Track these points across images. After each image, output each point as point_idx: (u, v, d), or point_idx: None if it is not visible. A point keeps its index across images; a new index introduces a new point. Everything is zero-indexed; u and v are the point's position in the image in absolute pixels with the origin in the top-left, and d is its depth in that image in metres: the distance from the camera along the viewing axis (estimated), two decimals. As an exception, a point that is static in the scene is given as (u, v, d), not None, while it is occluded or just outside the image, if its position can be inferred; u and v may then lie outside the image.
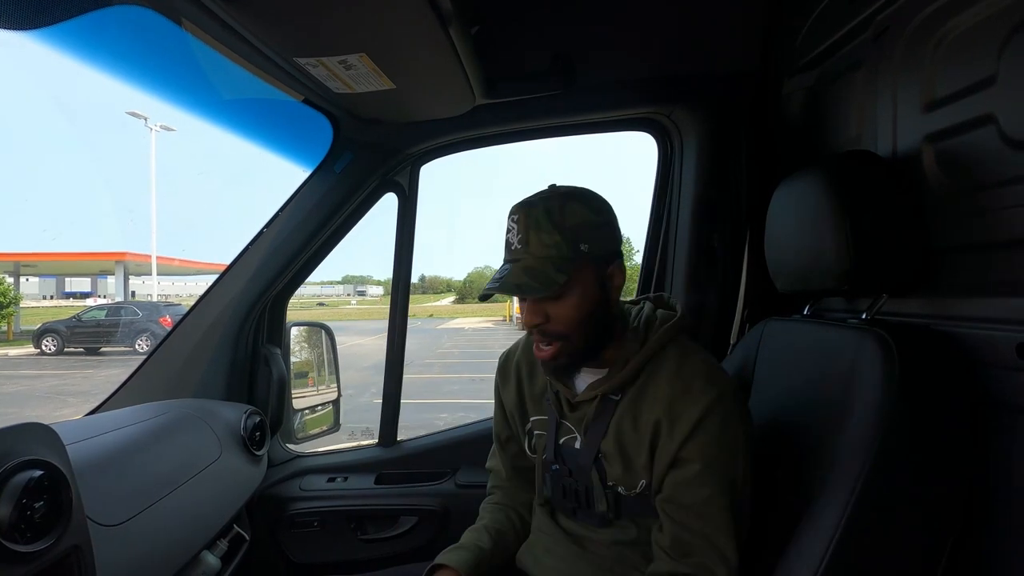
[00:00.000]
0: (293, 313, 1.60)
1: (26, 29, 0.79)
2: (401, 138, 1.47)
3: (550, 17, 1.39)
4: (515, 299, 0.98)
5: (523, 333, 1.00)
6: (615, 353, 0.92)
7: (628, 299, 1.02)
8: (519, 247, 0.86)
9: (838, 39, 1.15)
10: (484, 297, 0.91)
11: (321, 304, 49.65)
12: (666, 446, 0.85)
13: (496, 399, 1.12)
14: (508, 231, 0.89)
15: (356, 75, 1.09)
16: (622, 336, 0.92)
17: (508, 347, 1.12)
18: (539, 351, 0.90)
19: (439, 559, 0.99)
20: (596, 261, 0.87)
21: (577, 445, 0.95)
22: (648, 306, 0.97)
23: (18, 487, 0.62)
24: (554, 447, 0.97)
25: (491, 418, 1.16)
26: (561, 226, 0.85)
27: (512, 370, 1.08)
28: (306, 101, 1.30)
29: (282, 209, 1.45)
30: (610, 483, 0.91)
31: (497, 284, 0.86)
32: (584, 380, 0.96)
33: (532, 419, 1.04)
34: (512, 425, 1.08)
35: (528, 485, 1.09)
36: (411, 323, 1.65)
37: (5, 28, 0.76)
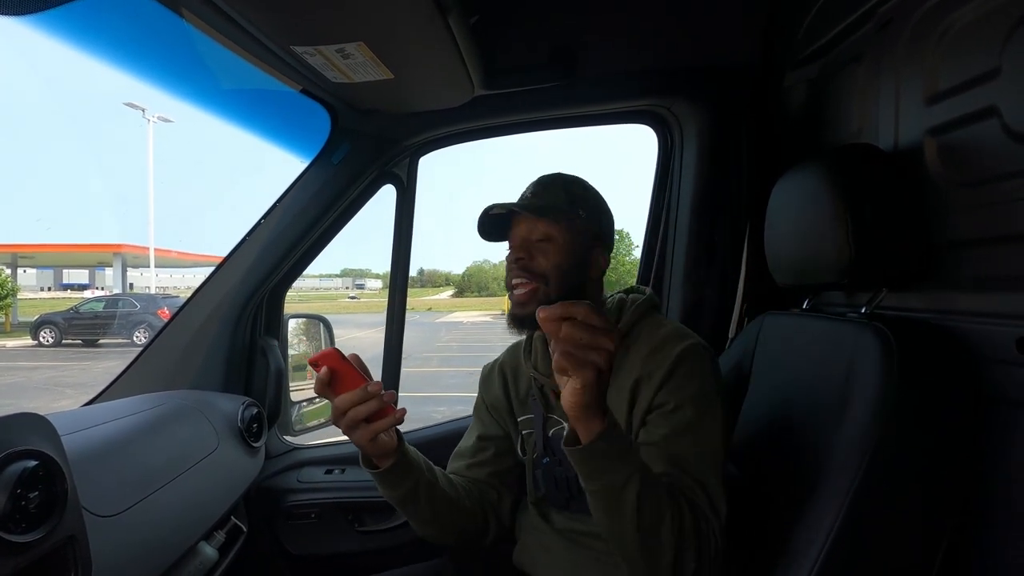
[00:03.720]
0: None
1: (21, 14, 0.78)
2: (399, 129, 1.46)
3: (550, 8, 1.37)
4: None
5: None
6: None
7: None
8: (528, 194, 0.99)
9: (840, 31, 1.14)
10: (488, 220, 0.99)
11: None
12: (644, 395, 0.90)
13: (479, 408, 1.15)
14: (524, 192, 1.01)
15: (354, 64, 1.08)
16: None
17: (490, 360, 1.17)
18: (515, 295, 0.95)
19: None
20: (586, 232, 0.98)
21: (566, 433, 0.96)
22: (619, 295, 1.05)
23: (12, 477, 0.62)
24: (544, 440, 1.00)
25: None
26: (569, 190, 0.99)
27: (496, 375, 1.13)
28: (304, 91, 1.28)
29: (279, 200, 1.44)
30: None
31: (502, 206, 0.97)
32: None
33: (520, 419, 1.07)
34: (501, 424, 1.10)
35: (490, 488, 1.08)
36: (409, 316, 1.65)
37: (-1, 13, 0.74)
